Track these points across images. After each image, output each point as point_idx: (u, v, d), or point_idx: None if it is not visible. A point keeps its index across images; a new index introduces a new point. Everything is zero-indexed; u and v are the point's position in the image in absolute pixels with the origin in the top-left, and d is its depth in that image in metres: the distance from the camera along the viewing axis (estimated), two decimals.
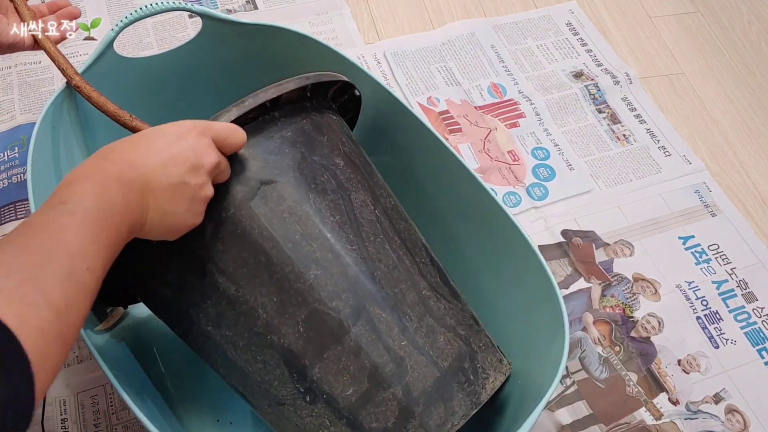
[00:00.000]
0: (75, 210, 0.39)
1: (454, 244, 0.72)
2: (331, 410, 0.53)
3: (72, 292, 0.37)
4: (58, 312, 0.35)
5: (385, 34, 1.09)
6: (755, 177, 0.99)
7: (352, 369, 0.52)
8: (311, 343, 0.52)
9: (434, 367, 0.54)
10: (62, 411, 0.71)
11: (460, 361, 0.56)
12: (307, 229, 0.53)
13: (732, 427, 0.77)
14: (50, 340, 0.35)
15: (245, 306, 0.53)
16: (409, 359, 0.53)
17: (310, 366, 0.52)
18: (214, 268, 0.53)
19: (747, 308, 0.86)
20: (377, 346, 0.53)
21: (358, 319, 0.53)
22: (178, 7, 0.67)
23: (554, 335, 0.58)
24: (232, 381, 0.58)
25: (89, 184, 0.41)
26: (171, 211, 0.46)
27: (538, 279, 0.61)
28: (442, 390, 0.53)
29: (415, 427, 0.52)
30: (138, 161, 0.45)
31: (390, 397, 0.52)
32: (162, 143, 0.46)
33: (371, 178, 0.61)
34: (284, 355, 0.53)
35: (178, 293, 0.56)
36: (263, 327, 0.53)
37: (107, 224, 0.41)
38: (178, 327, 0.60)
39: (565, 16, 1.15)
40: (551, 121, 1.01)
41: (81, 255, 0.38)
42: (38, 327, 0.34)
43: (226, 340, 0.54)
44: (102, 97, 0.62)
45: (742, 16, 1.20)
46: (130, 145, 0.46)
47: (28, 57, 0.99)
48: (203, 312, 0.55)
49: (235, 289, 0.53)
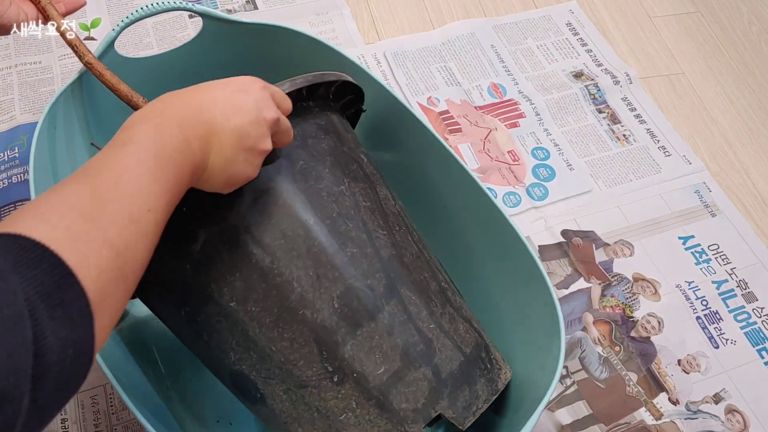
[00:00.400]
0: (135, 151, 0.39)
1: (452, 246, 0.72)
2: (359, 390, 0.52)
3: (132, 232, 0.36)
4: (117, 252, 0.35)
5: (385, 34, 1.09)
6: (755, 177, 0.99)
7: (384, 347, 0.52)
8: (345, 320, 0.52)
9: (459, 352, 0.55)
10: (62, 411, 0.71)
11: (479, 350, 0.57)
12: (343, 209, 0.54)
13: (732, 427, 0.77)
14: (110, 280, 0.34)
15: (279, 279, 0.52)
16: (437, 341, 0.54)
17: (342, 343, 0.52)
18: (250, 239, 0.52)
19: (747, 308, 0.86)
20: (408, 327, 0.53)
21: (391, 299, 0.54)
22: (179, 7, 0.67)
23: (552, 339, 0.58)
24: (244, 367, 0.55)
25: (150, 126, 0.41)
26: (232, 158, 0.45)
27: (534, 283, 0.61)
28: (466, 374, 0.55)
29: (443, 407, 0.53)
30: (202, 105, 0.44)
31: (421, 376, 0.53)
32: (227, 92, 0.46)
33: (383, 178, 0.63)
34: (316, 331, 0.52)
35: (201, 266, 0.54)
36: (297, 301, 0.52)
37: (168, 165, 0.40)
38: (188, 308, 0.56)
39: (565, 16, 1.15)
40: (551, 121, 1.01)
41: (142, 196, 0.38)
42: (97, 266, 0.34)
43: (251, 317, 0.53)
44: (115, 77, 0.59)
45: (742, 16, 1.20)
46: (193, 92, 0.45)
47: (28, 57, 0.99)
48: (228, 286, 0.53)
49: (270, 261, 0.52)
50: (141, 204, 0.37)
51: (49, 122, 0.64)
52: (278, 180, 0.53)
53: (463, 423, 0.53)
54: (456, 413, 0.53)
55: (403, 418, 0.52)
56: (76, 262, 0.32)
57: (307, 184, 0.54)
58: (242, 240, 0.52)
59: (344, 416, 0.53)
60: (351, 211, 0.55)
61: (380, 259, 0.55)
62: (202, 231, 0.53)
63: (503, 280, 0.67)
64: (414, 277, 0.56)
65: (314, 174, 0.55)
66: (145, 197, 0.38)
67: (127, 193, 0.37)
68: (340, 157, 0.57)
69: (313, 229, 0.53)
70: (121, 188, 0.37)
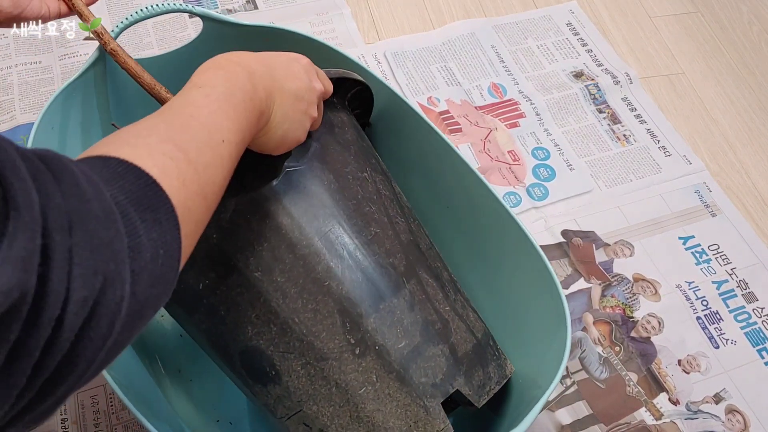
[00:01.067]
0: (209, 93, 0.42)
1: (455, 245, 0.72)
2: (381, 363, 0.53)
3: (209, 156, 0.39)
4: (196, 169, 0.37)
5: (385, 34, 1.09)
6: (755, 177, 0.99)
7: (405, 322, 0.54)
8: (369, 293, 0.54)
9: (472, 335, 0.57)
10: (62, 411, 0.71)
11: (487, 337, 0.60)
12: (367, 193, 0.57)
13: (732, 427, 0.77)
14: (192, 194, 0.36)
15: (307, 250, 0.53)
16: (452, 323, 0.56)
17: (366, 315, 0.53)
18: (281, 210, 0.54)
19: (747, 308, 0.86)
20: (427, 306, 0.56)
21: (411, 279, 0.56)
22: (179, 9, 0.67)
23: (555, 334, 0.58)
24: (261, 342, 0.55)
25: (221, 72, 0.44)
26: (291, 115, 0.49)
27: (541, 280, 0.61)
28: (480, 355, 0.57)
29: (460, 384, 0.54)
30: (269, 63, 0.48)
31: (439, 353, 0.54)
32: (282, 59, 0.50)
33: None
34: (341, 302, 0.53)
35: (229, 236, 0.55)
36: (323, 272, 0.53)
37: (240, 106, 0.43)
38: (208, 280, 0.56)
39: (566, 16, 1.15)
40: (551, 121, 1.01)
41: (216, 128, 0.40)
42: (180, 179, 0.35)
43: (275, 287, 0.54)
44: (139, 66, 0.60)
45: (742, 16, 1.20)
46: (251, 56, 0.48)
47: (28, 57, 0.99)
48: (255, 256, 0.54)
49: (299, 232, 0.54)
50: (215, 134, 0.40)
51: (47, 123, 0.64)
52: (310, 157, 0.56)
53: (478, 401, 0.55)
54: (472, 390, 0.55)
55: (422, 393, 0.53)
56: (160, 174, 0.34)
57: (335, 166, 0.57)
58: (273, 210, 0.54)
59: (363, 390, 0.53)
60: (374, 196, 0.58)
61: (400, 242, 0.57)
62: (232, 200, 0.54)
63: (507, 278, 0.67)
64: (430, 263, 0.59)
65: (341, 159, 0.57)
66: (219, 130, 0.40)
67: (202, 124, 0.40)
68: (363, 148, 0.61)
69: (339, 206, 0.55)
70: (198, 120, 0.40)
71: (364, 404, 0.53)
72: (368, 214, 0.56)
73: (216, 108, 0.41)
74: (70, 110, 0.67)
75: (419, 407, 0.52)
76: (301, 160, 0.55)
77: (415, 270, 0.57)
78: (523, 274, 0.64)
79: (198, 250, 0.54)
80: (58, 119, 0.66)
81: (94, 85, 0.68)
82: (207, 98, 0.41)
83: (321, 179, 0.55)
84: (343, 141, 0.59)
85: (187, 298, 0.58)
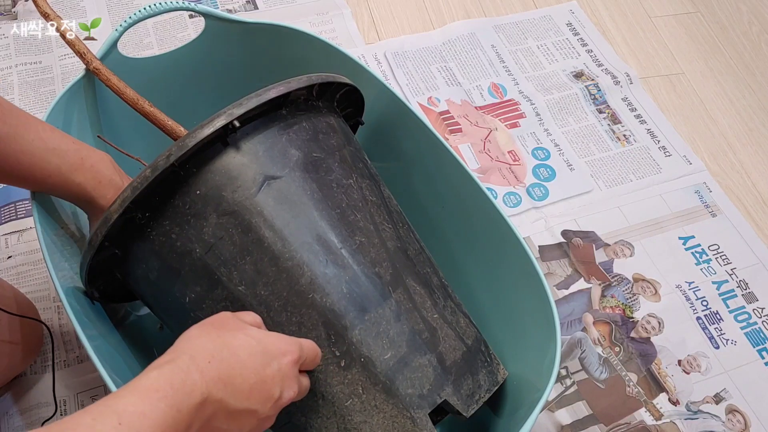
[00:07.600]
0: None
1: (449, 245, 0.72)
2: (366, 375, 0.53)
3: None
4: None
5: (385, 34, 1.09)
6: (755, 177, 1.00)
7: (391, 333, 0.53)
8: (354, 304, 0.53)
9: (461, 343, 0.56)
10: (62, 411, 0.71)
11: (478, 343, 0.59)
12: (352, 201, 0.56)
13: (733, 427, 0.77)
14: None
15: (290, 263, 0.53)
16: (440, 331, 0.55)
17: (351, 327, 0.53)
18: (262, 223, 0.53)
19: (747, 308, 0.86)
20: (414, 315, 0.55)
21: (397, 287, 0.55)
22: (181, 7, 0.67)
23: (548, 342, 0.58)
24: None
25: (154, 400, 0.38)
26: (225, 429, 0.44)
27: (531, 284, 0.61)
28: (469, 364, 0.56)
29: (448, 394, 0.53)
30: (224, 379, 0.43)
31: (426, 363, 0.53)
32: (258, 362, 0.45)
33: (383, 182, 0.64)
34: (324, 315, 0.53)
35: (211, 250, 0.54)
36: (306, 285, 0.53)
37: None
38: (193, 294, 0.55)
39: (566, 17, 1.15)
40: (551, 122, 1.01)
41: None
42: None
43: (259, 301, 0.53)
44: (121, 82, 0.63)
45: (742, 16, 1.20)
46: (222, 351, 0.44)
47: (28, 57, 0.99)
48: (238, 270, 0.53)
49: (282, 245, 0.53)
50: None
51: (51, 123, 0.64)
52: (292, 167, 0.55)
53: (467, 410, 0.54)
54: (460, 400, 0.54)
55: (409, 404, 0.52)
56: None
57: (318, 174, 0.56)
58: (255, 223, 0.53)
59: (350, 402, 0.53)
60: (359, 203, 0.56)
61: (386, 249, 0.56)
62: (213, 214, 0.53)
63: (500, 281, 0.67)
64: (418, 269, 0.57)
65: (325, 166, 0.56)
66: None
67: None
68: (347, 155, 0.59)
69: (323, 216, 0.54)
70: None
71: (351, 416, 0.53)
72: (353, 222, 0.55)
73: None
74: (72, 111, 0.67)
75: (406, 418, 0.52)
76: (283, 170, 0.54)
77: (402, 278, 0.56)
78: (515, 276, 0.64)
79: (183, 264, 0.55)
80: (61, 120, 0.65)
81: (84, 99, 0.68)
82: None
83: (304, 189, 0.54)
84: (327, 147, 0.58)
85: (176, 310, 0.59)
